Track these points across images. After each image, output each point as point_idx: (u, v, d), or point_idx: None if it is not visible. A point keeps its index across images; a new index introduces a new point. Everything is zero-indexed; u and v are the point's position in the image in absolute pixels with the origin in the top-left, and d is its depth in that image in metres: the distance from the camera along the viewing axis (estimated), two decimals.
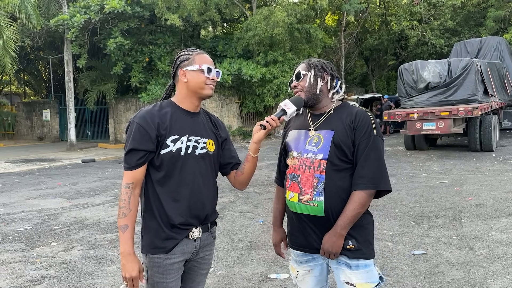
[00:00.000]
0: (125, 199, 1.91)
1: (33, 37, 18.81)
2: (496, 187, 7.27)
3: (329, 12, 24.73)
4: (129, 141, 1.93)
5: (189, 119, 2.03)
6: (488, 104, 12.11)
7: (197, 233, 2.00)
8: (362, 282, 1.94)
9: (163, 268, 1.94)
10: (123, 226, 1.89)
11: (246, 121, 19.98)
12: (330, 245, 1.92)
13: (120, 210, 1.90)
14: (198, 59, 2.00)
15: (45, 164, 13.48)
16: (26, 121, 25.00)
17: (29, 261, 4.58)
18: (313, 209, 1.95)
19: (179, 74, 2.01)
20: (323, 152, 1.96)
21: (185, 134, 1.98)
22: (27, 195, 8.45)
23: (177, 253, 1.96)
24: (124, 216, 1.90)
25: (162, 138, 1.93)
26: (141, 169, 1.93)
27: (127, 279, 1.91)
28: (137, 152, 1.91)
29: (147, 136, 1.91)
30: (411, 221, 5.52)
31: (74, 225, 6.04)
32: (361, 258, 1.95)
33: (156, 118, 1.94)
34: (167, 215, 1.94)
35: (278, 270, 4.04)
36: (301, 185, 1.98)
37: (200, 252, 2.06)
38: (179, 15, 16.77)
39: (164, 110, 1.99)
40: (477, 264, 3.97)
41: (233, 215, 6.17)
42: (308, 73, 2.06)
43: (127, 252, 1.90)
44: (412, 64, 12.73)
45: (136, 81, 17.66)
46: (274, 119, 1.96)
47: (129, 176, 1.93)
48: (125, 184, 1.93)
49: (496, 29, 23.36)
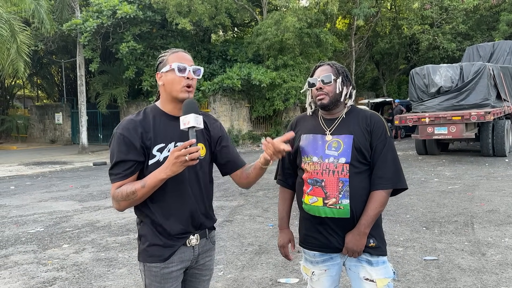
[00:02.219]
0: (121, 190, 1.79)
1: (46, 41, 19.10)
2: (509, 193, 7.17)
3: (339, 16, 24.69)
4: (115, 153, 1.81)
5: (175, 124, 1.86)
6: (501, 109, 11.97)
7: (194, 240, 1.94)
8: (382, 277, 2.03)
9: (160, 277, 1.89)
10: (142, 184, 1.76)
11: (256, 125, 20.00)
12: (355, 243, 1.99)
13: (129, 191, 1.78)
14: (171, 58, 1.87)
15: (57, 166, 13.63)
16: (39, 124, 25.32)
17: (41, 263, 4.63)
18: (339, 212, 2.00)
19: (157, 78, 1.92)
20: (345, 156, 2.01)
21: (171, 141, 1.87)
22: (40, 198, 8.54)
23: (175, 261, 1.90)
24: (134, 187, 1.78)
25: (148, 149, 1.84)
26: (128, 180, 1.82)
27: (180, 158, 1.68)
28: (124, 163, 1.80)
29: (133, 146, 1.81)
30: (423, 226, 5.47)
31: (86, 227, 6.09)
32: (380, 255, 2.06)
33: (139, 127, 1.84)
34: (162, 226, 1.87)
35: (288, 274, 4.03)
36: (326, 189, 2.01)
37: (200, 259, 2.00)
38: (190, 20, 16.89)
39: (148, 118, 1.88)
40: (490, 271, 3.92)
41: (242, 219, 6.17)
42: (337, 79, 2.09)
43: (159, 169, 1.75)
44: (423, 68, 12.63)
45: (147, 85, 17.80)
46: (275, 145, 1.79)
47: (116, 186, 1.82)
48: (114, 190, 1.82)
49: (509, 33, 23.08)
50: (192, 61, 1.92)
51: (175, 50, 1.93)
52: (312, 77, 2.14)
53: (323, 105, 2.08)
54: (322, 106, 2.09)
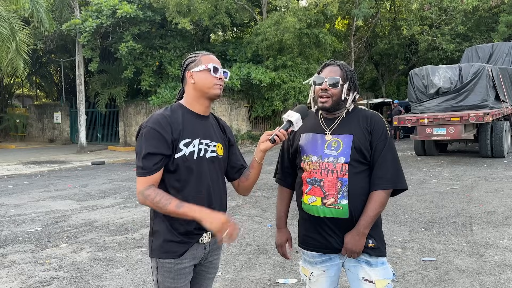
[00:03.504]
0: (156, 194, 1.83)
1: (45, 40, 19.05)
2: (508, 194, 7.17)
3: (339, 17, 24.69)
4: (144, 146, 1.87)
5: (200, 122, 2.00)
6: (500, 110, 11.98)
7: (207, 237, 1.98)
8: (381, 278, 2.02)
9: (174, 273, 1.92)
10: (177, 204, 1.81)
11: (255, 125, 19.99)
12: (354, 244, 1.98)
13: (161, 202, 1.81)
14: (204, 59, 1.98)
15: (56, 166, 13.61)
16: (38, 123, 25.28)
17: (39, 262, 4.61)
18: (337, 212, 2.00)
19: (187, 76, 2.00)
20: (344, 156, 2.00)
21: (196, 137, 1.95)
22: (38, 197, 8.53)
23: (188, 257, 1.94)
24: (169, 202, 1.82)
25: (176, 142, 1.91)
26: (157, 174, 1.88)
27: (224, 228, 1.78)
28: (154, 156, 1.86)
29: (163, 140, 1.87)
30: (421, 227, 5.47)
31: (84, 227, 6.08)
32: (380, 256, 2.04)
33: (170, 121, 1.91)
34: (179, 221, 1.89)
35: (286, 275, 4.03)
36: (325, 189, 2.00)
37: (209, 256, 2.05)
38: (190, 19, 16.87)
39: (176, 114, 1.96)
40: (488, 272, 3.92)
41: (241, 219, 6.17)
42: (344, 84, 2.06)
43: (202, 211, 1.81)
44: (422, 69, 12.64)
45: (146, 85, 17.78)
46: (284, 133, 1.95)
47: (145, 181, 1.86)
48: (145, 187, 1.85)
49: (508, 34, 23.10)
50: (220, 64, 2.03)
51: (206, 52, 2.04)
52: (319, 74, 2.10)
53: (324, 108, 2.07)
54: (324, 108, 2.08)
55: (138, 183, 1.88)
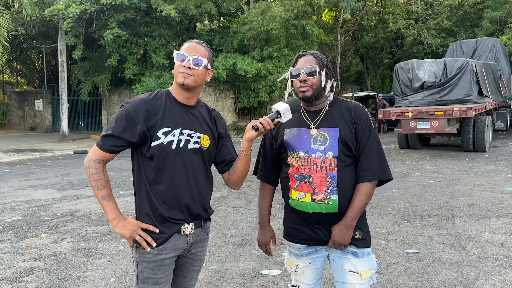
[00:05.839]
0: (98, 172, 1.87)
1: (26, 26, 18.56)
2: (489, 188, 7.29)
3: (326, 9, 24.65)
4: (113, 125, 1.87)
5: (184, 112, 1.96)
6: (482, 105, 12.15)
7: (189, 228, 1.95)
8: (366, 269, 2.04)
9: (153, 263, 1.90)
10: (106, 195, 1.88)
11: (240, 116, 19.92)
12: (341, 236, 1.98)
13: (97, 182, 1.87)
14: (182, 48, 1.95)
15: (37, 154, 13.35)
16: (18, 110, 24.74)
17: (18, 252, 4.51)
18: (327, 207, 1.98)
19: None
20: (332, 150, 1.98)
21: (177, 127, 1.92)
22: (18, 186, 8.35)
23: (168, 248, 1.92)
24: (103, 187, 1.88)
25: (153, 130, 1.87)
26: (110, 155, 1.90)
27: (132, 239, 1.90)
28: (115, 138, 1.86)
29: (133, 125, 1.86)
30: (404, 219, 5.52)
31: (65, 216, 5.97)
32: (366, 246, 2.06)
33: (147, 108, 1.89)
34: (157, 209, 1.90)
35: (271, 266, 4.01)
36: (314, 185, 1.97)
37: (193, 248, 2.02)
38: (175, 7, 16.62)
39: (159, 101, 1.93)
40: (470, 264, 3.97)
41: (226, 210, 6.13)
42: (322, 72, 2.03)
43: (119, 218, 1.89)
44: (408, 63, 12.72)
45: (130, 73, 17.53)
46: (268, 122, 1.90)
47: (99, 154, 1.89)
48: (95, 159, 1.88)
49: (492, 30, 23.41)
50: (200, 53, 1.93)
51: (191, 41, 1.99)
52: (294, 67, 2.05)
53: (306, 98, 2.02)
54: (305, 98, 2.03)
55: (91, 151, 1.91)
